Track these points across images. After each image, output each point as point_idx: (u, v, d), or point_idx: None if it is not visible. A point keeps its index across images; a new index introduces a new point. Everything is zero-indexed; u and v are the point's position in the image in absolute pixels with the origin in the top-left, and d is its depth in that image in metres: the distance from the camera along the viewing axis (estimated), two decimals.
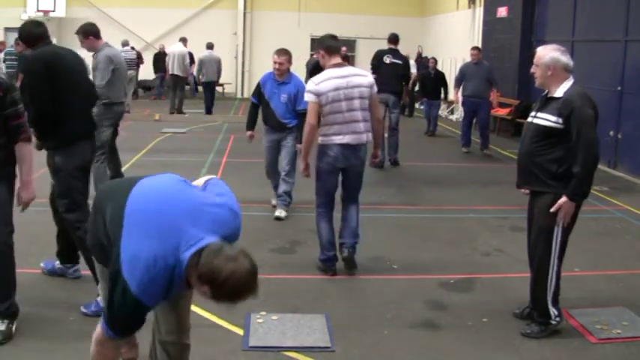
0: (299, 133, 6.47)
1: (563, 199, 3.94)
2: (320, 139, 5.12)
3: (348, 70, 5.17)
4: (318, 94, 5.01)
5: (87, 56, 6.11)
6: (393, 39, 10.02)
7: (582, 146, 3.87)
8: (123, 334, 2.49)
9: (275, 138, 6.99)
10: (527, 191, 4.29)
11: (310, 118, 5.06)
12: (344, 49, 8.58)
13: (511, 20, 14.11)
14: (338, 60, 5.17)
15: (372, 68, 9.84)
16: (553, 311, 4.13)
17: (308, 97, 5.07)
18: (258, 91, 6.97)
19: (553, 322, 4.14)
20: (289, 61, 6.71)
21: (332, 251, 5.20)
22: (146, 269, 2.33)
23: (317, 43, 5.55)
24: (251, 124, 7.27)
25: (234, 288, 2.30)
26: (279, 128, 6.86)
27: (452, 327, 4.28)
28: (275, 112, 6.81)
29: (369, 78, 5.22)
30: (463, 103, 11.96)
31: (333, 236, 5.23)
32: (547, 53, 4.06)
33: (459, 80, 11.54)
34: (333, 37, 5.29)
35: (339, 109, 5.01)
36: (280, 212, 6.83)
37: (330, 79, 5.03)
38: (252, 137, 7.36)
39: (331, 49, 5.17)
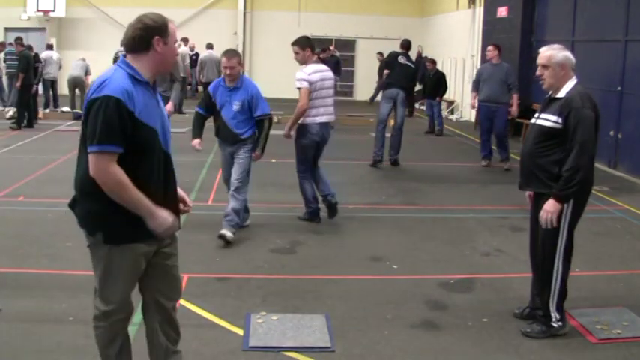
0: (255, 143, 6.03)
1: (549, 200, 3.91)
2: (303, 120, 6.47)
3: (323, 66, 6.80)
4: (310, 82, 6.38)
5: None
6: (406, 45, 10.46)
7: (575, 146, 3.85)
8: (110, 141, 2.69)
9: (228, 151, 6.12)
10: (531, 201, 4.28)
11: (304, 101, 6.37)
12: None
13: (511, 20, 14.11)
14: (316, 57, 6.73)
15: (387, 66, 10.35)
16: (555, 315, 4.11)
17: (302, 84, 6.37)
18: (208, 101, 6.12)
19: (554, 325, 4.12)
20: (240, 64, 5.96)
21: (316, 204, 6.74)
22: (104, 77, 2.80)
23: (298, 44, 6.57)
24: (196, 133, 6.21)
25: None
26: (232, 140, 6.00)
27: (452, 327, 4.28)
28: (227, 122, 5.95)
29: (331, 72, 6.84)
30: (478, 109, 10.75)
31: (315, 193, 6.73)
32: (558, 52, 4.02)
33: (476, 83, 10.34)
34: (308, 39, 6.72)
35: (320, 95, 6.49)
36: (226, 232, 5.83)
37: (316, 72, 6.49)
38: (198, 145, 6.17)
39: (313, 48, 6.67)
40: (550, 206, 3.93)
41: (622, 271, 5.46)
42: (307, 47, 6.54)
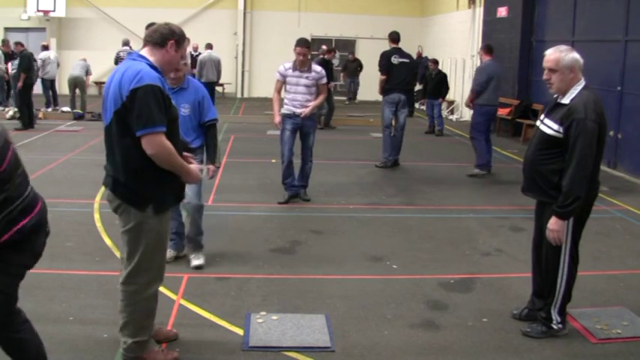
0: (210, 154, 5.13)
1: (552, 218, 3.86)
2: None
3: None
4: None
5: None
6: (396, 38, 9.86)
7: (574, 159, 3.76)
8: (160, 122, 3.19)
9: None
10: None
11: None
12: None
13: (511, 20, 14.12)
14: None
15: (382, 70, 9.68)
16: (556, 317, 4.11)
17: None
18: None
19: (555, 328, 4.12)
20: (185, 64, 5.19)
21: None
22: (135, 69, 3.22)
23: (308, 46, 7.05)
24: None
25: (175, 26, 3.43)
26: (181, 150, 4.79)
27: (452, 327, 4.28)
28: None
29: None
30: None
31: None
32: (566, 54, 3.86)
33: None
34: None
35: None
36: (199, 260, 5.27)
37: None
38: None
39: None
40: (553, 224, 3.87)
41: (622, 271, 5.46)
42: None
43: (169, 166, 3.30)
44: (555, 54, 3.89)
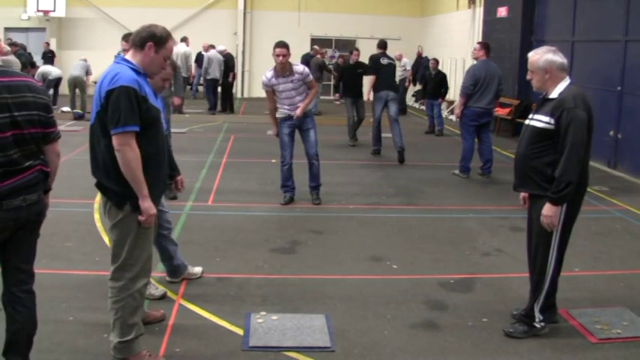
0: (174, 163, 4.57)
1: (546, 205, 3.90)
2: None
3: None
4: None
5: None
6: (383, 45, 11.15)
7: (567, 147, 3.81)
8: (132, 122, 3.25)
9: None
10: (525, 203, 4.29)
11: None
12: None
13: (511, 20, 14.12)
14: None
15: (373, 71, 10.85)
16: (538, 316, 4.12)
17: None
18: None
19: (537, 326, 4.12)
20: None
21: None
22: (114, 72, 3.32)
23: (288, 47, 6.97)
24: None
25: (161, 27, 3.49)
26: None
27: (452, 327, 4.28)
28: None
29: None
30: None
31: None
32: (540, 56, 4.00)
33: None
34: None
35: None
36: (196, 268, 5.08)
37: None
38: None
39: None
40: (547, 210, 3.91)
41: (622, 271, 5.46)
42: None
43: (128, 172, 3.28)
44: (533, 56, 4.05)
